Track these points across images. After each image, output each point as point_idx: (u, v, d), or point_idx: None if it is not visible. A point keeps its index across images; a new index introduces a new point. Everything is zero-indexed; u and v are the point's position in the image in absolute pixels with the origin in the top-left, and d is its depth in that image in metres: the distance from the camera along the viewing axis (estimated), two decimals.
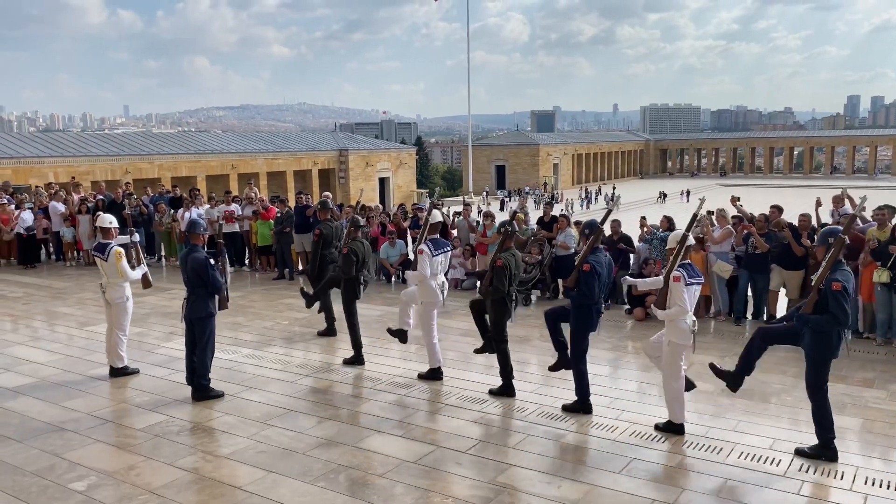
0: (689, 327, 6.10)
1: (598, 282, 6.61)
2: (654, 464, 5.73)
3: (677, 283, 6.05)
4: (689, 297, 6.07)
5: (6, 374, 8.07)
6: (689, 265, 6.19)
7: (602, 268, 6.66)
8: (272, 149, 53.85)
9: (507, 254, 7.21)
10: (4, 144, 41.84)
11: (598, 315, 6.76)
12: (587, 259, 6.62)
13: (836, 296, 5.44)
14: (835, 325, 5.52)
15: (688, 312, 6.09)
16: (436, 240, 7.84)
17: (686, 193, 67.14)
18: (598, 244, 6.76)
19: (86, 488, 5.29)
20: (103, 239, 8.06)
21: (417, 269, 7.68)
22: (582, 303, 6.65)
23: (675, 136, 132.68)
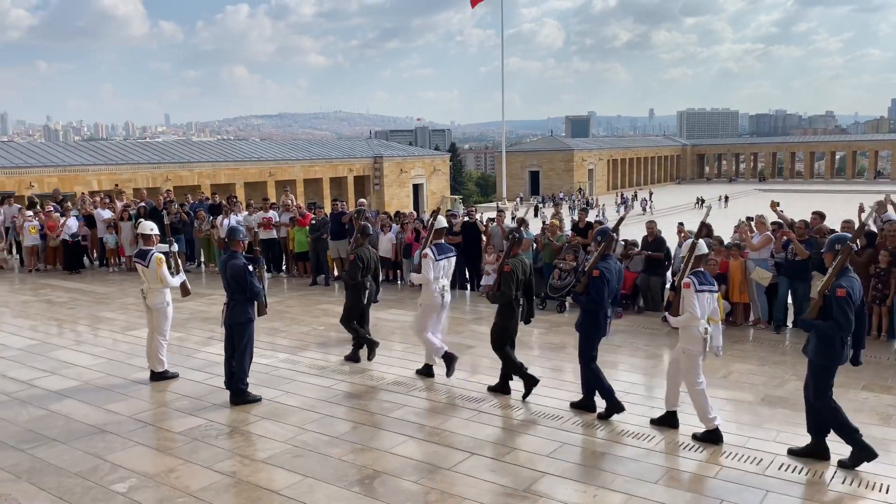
0: (702, 334, 6.14)
1: (608, 288, 6.71)
2: (692, 474, 5.65)
3: (688, 289, 6.12)
4: (700, 303, 6.12)
5: (52, 378, 8.28)
6: (701, 272, 6.25)
7: (612, 274, 6.77)
8: (309, 156, 54.48)
9: (515, 259, 7.36)
10: (51, 153, 43.06)
11: (606, 319, 6.84)
12: (597, 265, 6.74)
13: (840, 302, 5.49)
14: (837, 332, 5.55)
15: (699, 319, 6.12)
16: (440, 244, 8.09)
17: (724, 199, 66.13)
18: (609, 251, 6.89)
19: (127, 490, 5.40)
20: (144, 245, 8.24)
21: (422, 272, 7.96)
22: (591, 308, 6.77)
23: (713, 141, 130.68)
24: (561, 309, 11.93)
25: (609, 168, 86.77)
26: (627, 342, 9.89)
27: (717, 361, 8.85)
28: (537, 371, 8.47)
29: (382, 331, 10.20)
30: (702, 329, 6.14)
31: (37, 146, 47.32)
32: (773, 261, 10.68)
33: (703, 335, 6.14)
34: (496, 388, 7.57)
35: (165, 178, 42.66)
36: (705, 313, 6.18)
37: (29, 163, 39.79)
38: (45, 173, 39.09)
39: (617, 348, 9.52)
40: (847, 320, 5.50)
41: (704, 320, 6.16)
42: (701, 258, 6.32)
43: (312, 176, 52.57)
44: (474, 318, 11.75)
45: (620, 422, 6.73)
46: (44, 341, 10.08)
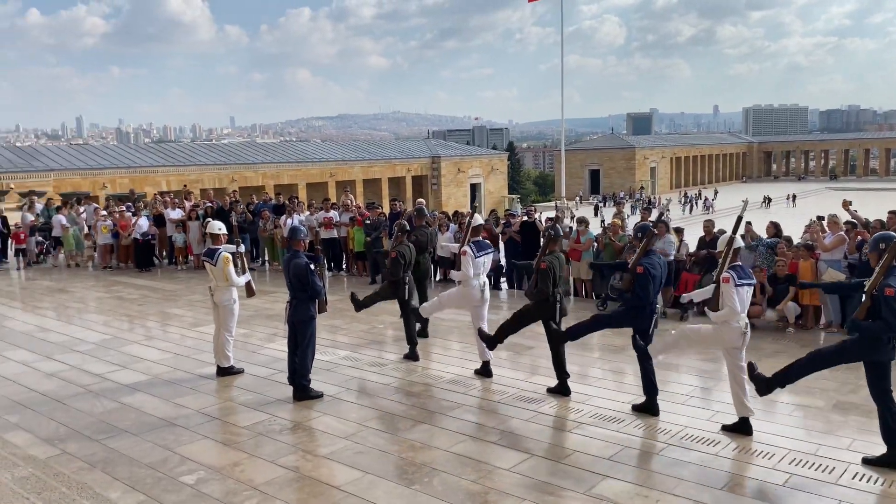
0: (741, 328, 6.19)
1: (653, 284, 6.72)
2: (759, 481, 5.48)
3: (727, 284, 6.13)
4: (739, 298, 6.14)
5: (123, 372, 8.61)
6: (739, 267, 6.28)
7: (656, 270, 6.77)
8: (368, 157, 55.20)
9: (552, 256, 7.48)
10: (123, 155, 44.77)
11: (652, 315, 6.86)
12: (640, 262, 6.73)
13: (888, 301, 5.36)
14: (887, 332, 5.45)
15: (738, 314, 6.16)
16: (478, 242, 8.32)
17: (792, 197, 63.98)
18: (651, 247, 6.92)
19: (195, 482, 5.57)
20: (212, 245, 8.47)
21: (461, 269, 8.14)
22: (636, 304, 6.78)
23: (781, 138, 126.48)
24: None
25: (672, 166, 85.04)
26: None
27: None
28: (598, 373, 8.38)
29: (440, 329, 10.24)
30: (741, 323, 6.18)
31: (110, 148, 49.32)
32: (847, 262, 10.28)
33: (742, 329, 6.19)
34: (555, 389, 7.51)
35: (231, 179, 43.86)
36: (745, 307, 6.23)
37: (102, 164, 41.49)
38: (117, 174, 40.70)
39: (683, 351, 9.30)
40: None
41: (744, 314, 6.21)
42: (738, 252, 6.34)
43: (371, 176, 53.23)
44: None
45: (685, 426, 6.58)
46: (116, 336, 10.49)
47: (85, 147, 50.96)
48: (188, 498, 5.28)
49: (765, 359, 8.93)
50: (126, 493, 5.35)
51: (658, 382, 6.99)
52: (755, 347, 9.41)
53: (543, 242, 7.72)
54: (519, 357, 8.64)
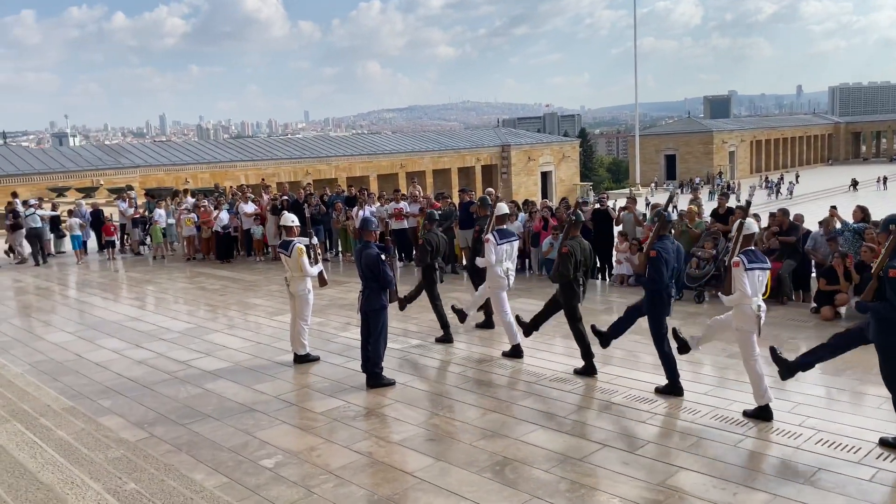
0: (755, 311, 6.22)
1: (667, 267, 6.84)
2: (844, 475, 5.26)
3: (737, 268, 6.19)
4: (750, 282, 6.18)
5: (206, 359, 8.97)
6: (751, 251, 6.31)
7: (669, 254, 6.89)
8: (437, 147, 55.42)
9: (574, 241, 7.76)
10: (204, 151, 46.41)
11: (670, 299, 7.00)
12: (654, 246, 6.91)
13: (892, 283, 5.39)
14: (892, 313, 5.46)
15: (749, 297, 6.18)
16: (501, 230, 8.65)
17: (883, 180, 60.61)
18: (665, 231, 7.04)
19: (274, 465, 5.77)
20: (286, 237, 8.71)
21: (485, 255, 8.53)
22: (652, 287, 6.94)
23: (871, 118, 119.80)
24: (699, 299, 11.43)
25: (752, 150, 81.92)
26: (771, 335, 9.33)
27: (873, 357, 8.17)
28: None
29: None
30: (754, 307, 6.21)
31: (191, 145, 51.23)
32: None
33: (756, 312, 6.22)
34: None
35: (306, 172, 44.89)
36: (757, 291, 6.26)
37: (184, 160, 43.15)
38: (198, 170, 42.27)
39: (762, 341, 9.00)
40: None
41: (758, 298, 6.25)
42: (750, 237, 6.38)
43: (441, 167, 53.44)
44: (605, 309, 11.52)
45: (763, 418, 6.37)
46: (199, 325, 10.93)
47: (168, 144, 53.11)
48: (267, 481, 5.48)
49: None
50: (209, 475, 5.59)
51: (738, 374, 6.81)
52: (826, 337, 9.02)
53: (566, 228, 8.02)
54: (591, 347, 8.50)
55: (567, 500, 5.03)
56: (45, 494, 4.43)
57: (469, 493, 5.18)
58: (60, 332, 10.70)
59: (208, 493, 5.09)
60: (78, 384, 8.07)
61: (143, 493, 4.78)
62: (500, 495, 5.12)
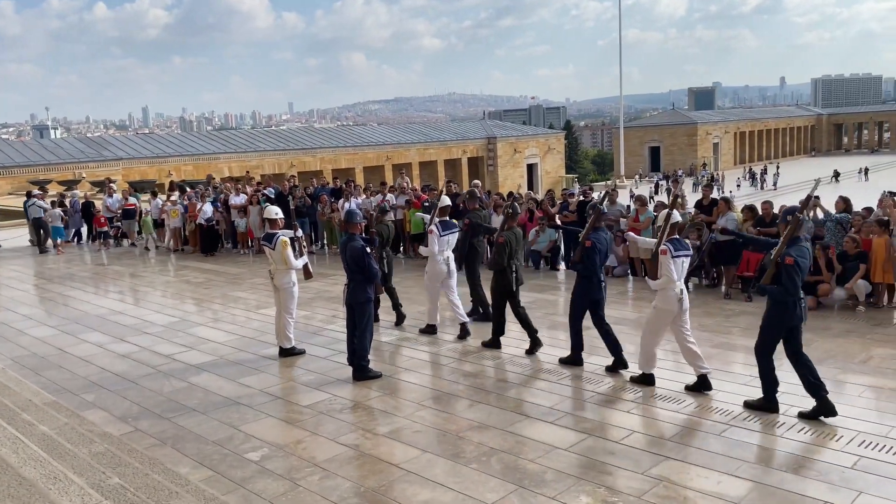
0: (677, 295, 6.78)
1: (599, 256, 7.54)
2: (826, 463, 5.32)
3: (664, 255, 6.76)
4: (675, 268, 6.74)
5: (191, 352, 8.91)
6: (676, 240, 6.92)
7: (601, 244, 7.56)
8: (424, 139, 55.30)
9: (510, 232, 8.36)
10: (187, 143, 46.03)
11: (600, 283, 7.61)
12: (589, 236, 7.50)
13: (787, 269, 6.02)
14: (785, 296, 6.07)
15: (674, 282, 6.76)
16: (445, 221, 9.17)
17: (864, 171, 61.21)
18: (600, 223, 7.64)
19: (259, 459, 5.75)
20: (270, 229, 8.66)
21: (428, 245, 9.08)
22: (584, 273, 7.56)
23: (853, 109, 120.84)
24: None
25: (736, 141, 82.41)
26: (755, 325, 9.40)
27: (855, 345, 8.30)
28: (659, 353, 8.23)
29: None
30: (678, 290, 6.78)
31: (174, 137, 50.81)
32: None
33: (678, 296, 6.78)
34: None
35: (290, 164, 44.65)
36: (681, 277, 6.82)
37: (167, 152, 42.77)
38: (182, 162, 41.93)
39: (745, 331, 9.09)
40: (794, 286, 6.03)
41: (681, 283, 6.82)
42: (675, 226, 6.99)
43: (427, 159, 53.33)
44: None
45: (751, 409, 6.43)
46: (183, 318, 10.86)
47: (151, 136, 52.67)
48: (253, 474, 5.46)
49: (833, 338, 8.66)
50: (194, 469, 5.56)
51: (723, 364, 6.88)
52: (824, 328, 9.15)
53: (503, 220, 8.57)
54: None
55: (554, 489, 5.05)
56: (28, 490, 4.38)
57: (456, 484, 5.18)
58: (43, 327, 10.59)
59: (193, 487, 5.05)
60: (61, 379, 8.00)
61: (127, 487, 4.74)
62: (487, 486, 5.14)
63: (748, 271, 10.96)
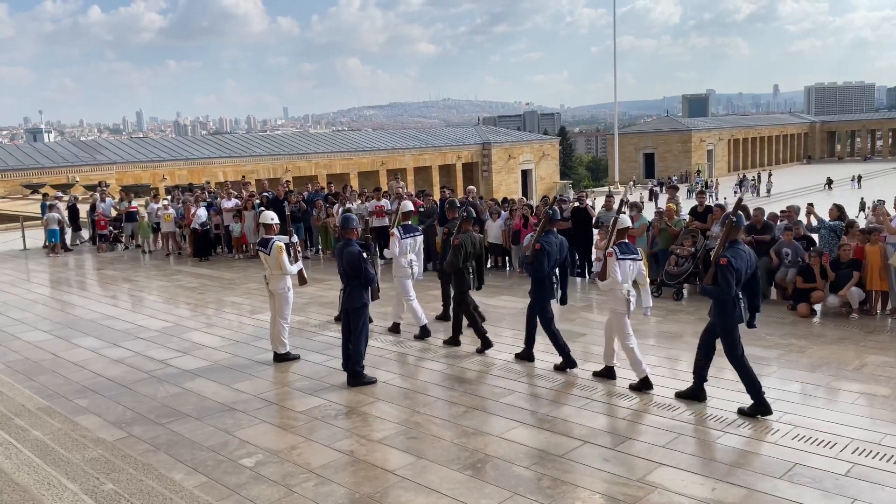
0: (625, 296, 7.07)
1: (549, 259, 7.73)
2: (820, 470, 5.34)
3: (611, 258, 7.09)
4: (621, 270, 7.05)
5: (185, 358, 8.89)
6: (624, 243, 7.19)
7: (552, 248, 7.76)
8: (418, 145, 55.33)
9: (466, 235, 8.71)
10: (182, 147, 45.95)
11: (552, 285, 7.84)
12: (539, 239, 7.76)
13: (722, 269, 6.27)
14: (721, 295, 6.33)
15: (620, 283, 7.05)
16: (406, 225, 9.50)
17: (857, 179, 61.51)
18: (551, 227, 7.90)
19: (254, 465, 5.73)
20: (266, 234, 8.65)
21: (390, 247, 9.53)
22: (536, 276, 7.86)
23: (845, 117, 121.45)
24: (678, 297, 11.53)
25: (730, 148, 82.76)
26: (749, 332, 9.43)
27: (849, 352, 8.34)
28: (653, 360, 8.27)
29: (492, 317, 10.23)
30: (624, 292, 7.08)
31: (168, 141, 50.68)
32: None
33: (626, 297, 7.07)
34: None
35: (285, 169, 44.59)
36: (627, 279, 7.11)
37: (161, 157, 42.67)
38: (176, 166, 41.84)
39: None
40: (728, 285, 6.25)
41: (628, 284, 7.10)
42: (623, 231, 7.26)
43: (422, 164, 53.37)
44: (585, 306, 11.58)
45: (742, 415, 6.45)
46: (177, 324, 10.82)
47: (145, 140, 52.50)
48: (248, 480, 5.44)
49: (827, 346, 8.69)
50: (189, 475, 5.54)
51: (716, 371, 6.88)
52: (818, 335, 9.18)
53: (459, 223, 8.90)
54: (571, 345, 8.55)
55: (548, 497, 5.05)
56: (21, 496, 4.36)
57: (450, 490, 5.18)
58: (36, 331, 10.54)
59: (188, 493, 5.04)
60: (54, 384, 7.96)
61: (121, 493, 4.72)
62: (481, 493, 5.13)
63: None
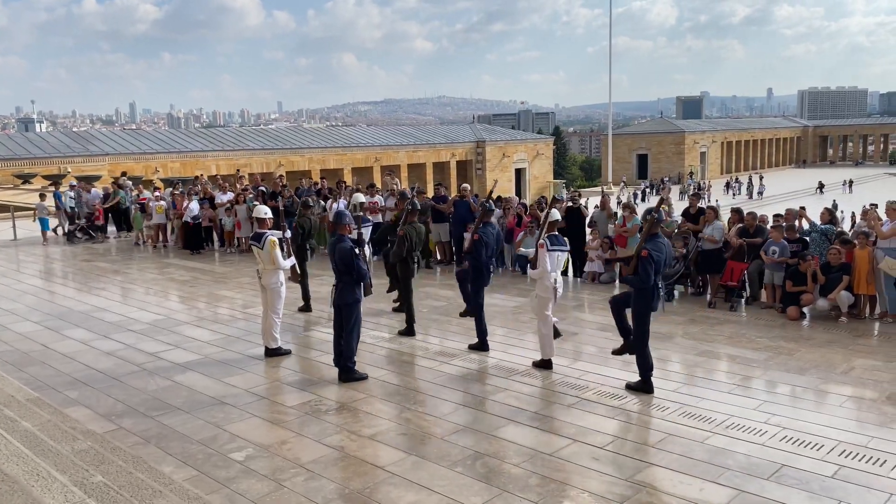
0: (552, 284, 7.70)
1: (486, 248, 8.46)
2: (807, 472, 5.38)
3: (542, 249, 7.66)
4: (550, 261, 7.64)
5: (176, 351, 8.87)
6: (554, 236, 7.82)
7: (489, 238, 8.48)
8: (413, 142, 55.27)
9: (410, 227, 9.26)
10: (175, 140, 45.74)
11: (489, 272, 8.67)
12: (477, 230, 8.49)
13: (642, 261, 6.85)
14: (640, 285, 6.91)
15: (549, 273, 7.65)
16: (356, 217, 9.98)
17: (849, 183, 61.84)
18: (487, 218, 8.67)
19: (244, 459, 5.73)
20: (259, 229, 8.64)
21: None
22: (475, 264, 8.50)
23: (838, 122, 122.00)
24: (669, 298, 11.55)
25: (723, 151, 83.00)
26: (739, 333, 9.51)
27: (837, 356, 8.40)
28: None
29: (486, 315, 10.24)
30: (552, 280, 7.67)
31: (161, 134, 50.46)
32: None
33: (553, 285, 7.68)
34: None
35: (279, 164, 44.45)
36: (556, 268, 7.75)
37: (154, 149, 42.45)
38: (169, 159, 41.62)
39: (729, 340, 9.17)
40: (647, 276, 6.84)
41: (556, 273, 7.74)
42: (553, 224, 7.89)
43: (416, 161, 53.30)
44: (577, 305, 11.62)
45: (730, 415, 6.50)
46: (168, 317, 10.79)
47: (138, 132, 52.23)
48: (237, 474, 5.44)
49: (816, 348, 8.75)
50: (178, 468, 5.54)
51: (707, 372, 6.94)
52: (807, 338, 9.25)
53: (405, 214, 9.44)
54: (562, 344, 8.60)
55: (537, 494, 5.08)
56: (10, 486, 4.34)
57: (440, 487, 5.20)
58: (26, 322, 10.50)
59: (177, 486, 5.03)
60: (44, 375, 7.94)
61: (110, 485, 4.71)
62: (472, 490, 5.15)
63: (731, 281, 11.05)
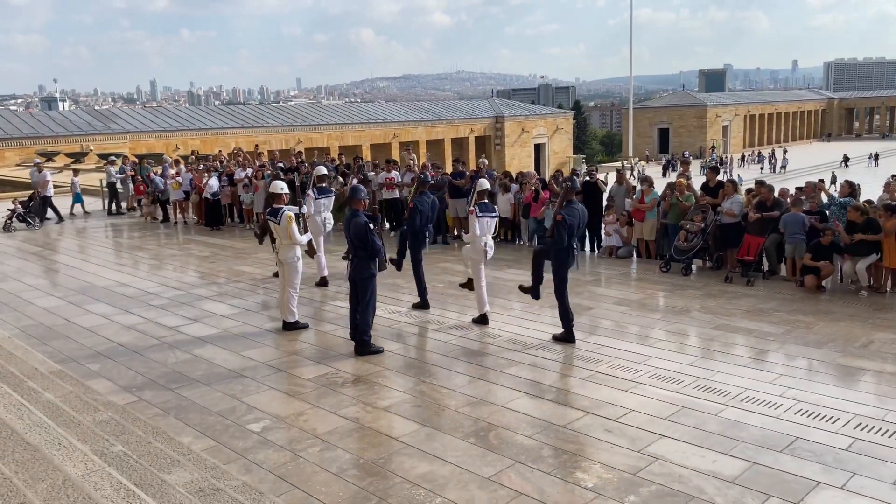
0: (483, 247, 8.46)
1: (420, 216, 9.15)
2: (821, 444, 5.36)
3: (472, 215, 8.51)
4: (480, 226, 8.43)
5: (196, 325, 9.00)
6: (484, 203, 8.53)
7: (425, 206, 9.20)
8: (431, 117, 55.09)
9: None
10: (194, 117, 45.97)
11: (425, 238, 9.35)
12: (413, 199, 9.40)
13: (558, 225, 7.63)
14: (556, 246, 7.68)
15: (479, 237, 8.44)
16: (321, 188, 11.07)
17: (874, 157, 60.72)
18: (423, 189, 9.48)
19: (261, 430, 5.83)
20: (276, 204, 8.69)
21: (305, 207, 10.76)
22: (412, 230, 9.29)
23: (864, 94, 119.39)
24: (686, 272, 11.49)
25: (746, 124, 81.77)
26: (757, 308, 9.44)
27: (856, 329, 8.32)
28: (660, 334, 8.30)
29: (501, 290, 10.28)
30: (482, 243, 8.46)
31: (182, 111, 50.71)
32: None
33: (483, 248, 8.47)
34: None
35: (297, 141, 44.56)
36: (485, 232, 8.51)
37: (175, 126, 42.74)
38: (189, 136, 41.90)
39: (746, 314, 9.11)
40: (560, 238, 7.62)
41: (486, 237, 8.51)
42: (483, 192, 8.63)
43: (434, 137, 53.17)
44: (593, 280, 11.59)
45: (746, 388, 6.48)
46: (188, 291, 10.93)
47: (158, 110, 52.52)
48: (254, 444, 5.54)
49: (835, 322, 8.69)
50: (197, 439, 5.65)
51: (723, 346, 6.89)
52: (827, 311, 9.17)
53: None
54: (578, 318, 8.61)
55: (549, 465, 5.12)
56: (32, 455, 4.46)
57: (454, 457, 5.26)
58: (50, 297, 10.69)
59: (195, 456, 5.14)
60: (67, 348, 8.10)
61: (130, 454, 4.83)
62: (484, 460, 5.21)
63: (749, 255, 10.95)
